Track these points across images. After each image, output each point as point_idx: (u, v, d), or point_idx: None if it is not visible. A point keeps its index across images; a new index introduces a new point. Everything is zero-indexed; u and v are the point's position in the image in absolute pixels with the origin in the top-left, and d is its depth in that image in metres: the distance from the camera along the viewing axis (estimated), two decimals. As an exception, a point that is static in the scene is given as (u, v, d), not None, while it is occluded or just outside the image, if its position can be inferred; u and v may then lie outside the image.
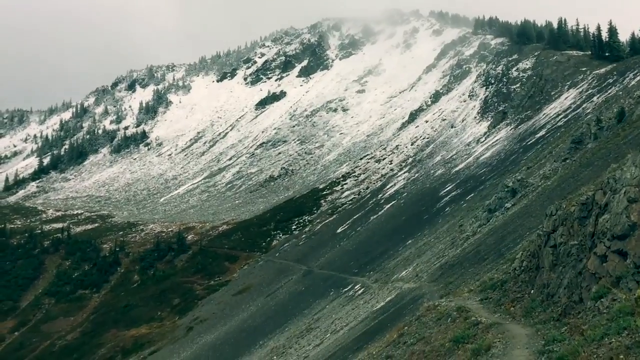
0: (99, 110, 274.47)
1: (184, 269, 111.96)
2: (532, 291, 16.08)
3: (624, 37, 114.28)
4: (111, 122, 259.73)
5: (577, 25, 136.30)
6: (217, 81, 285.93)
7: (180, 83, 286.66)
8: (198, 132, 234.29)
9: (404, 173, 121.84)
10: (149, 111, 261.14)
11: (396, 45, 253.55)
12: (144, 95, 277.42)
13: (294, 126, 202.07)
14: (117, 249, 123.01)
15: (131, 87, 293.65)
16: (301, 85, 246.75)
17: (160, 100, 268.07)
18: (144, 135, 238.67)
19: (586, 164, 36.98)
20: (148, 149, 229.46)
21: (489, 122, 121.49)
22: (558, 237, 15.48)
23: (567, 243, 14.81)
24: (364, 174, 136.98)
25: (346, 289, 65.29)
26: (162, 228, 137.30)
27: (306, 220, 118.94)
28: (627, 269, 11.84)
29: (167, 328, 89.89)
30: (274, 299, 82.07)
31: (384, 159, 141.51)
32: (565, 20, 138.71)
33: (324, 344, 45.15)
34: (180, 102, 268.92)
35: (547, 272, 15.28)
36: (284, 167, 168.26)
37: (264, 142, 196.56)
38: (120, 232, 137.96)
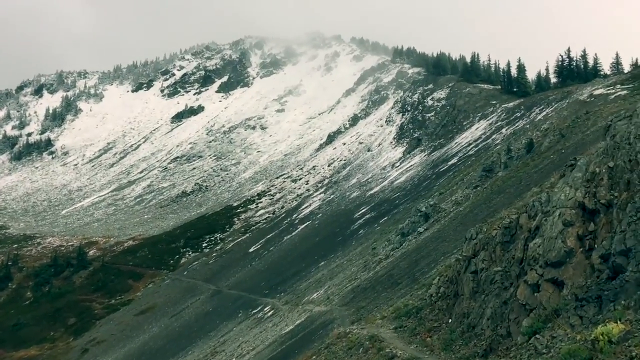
0: (1, 114, 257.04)
1: (83, 286, 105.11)
2: (450, 320, 15.03)
3: (531, 74, 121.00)
4: (13, 127, 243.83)
5: (489, 60, 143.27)
6: (132, 91, 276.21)
7: (92, 91, 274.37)
8: (108, 143, 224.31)
9: (320, 194, 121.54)
10: (56, 118, 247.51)
11: (317, 67, 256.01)
12: (52, 101, 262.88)
13: (210, 142, 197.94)
14: (10, 263, 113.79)
15: (38, 92, 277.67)
16: (220, 101, 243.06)
17: (69, 108, 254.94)
18: (49, 143, 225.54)
19: (497, 191, 37.59)
20: (52, 158, 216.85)
21: (404, 148, 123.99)
22: (479, 262, 14.47)
23: (489, 269, 13.86)
24: (279, 193, 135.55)
25: (255, 311, 63.31)
26: (61, 242, 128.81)
27: (218, 238, 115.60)
28: (565, 301, 10.94)
29: (60, 350, 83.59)
30: (178, 319, 78.41)
31: (300, 179, 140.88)
32: (478, 54, 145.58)
33: (228, 369, 43.04)
34: (90, 110, 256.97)
35: (467, 300, 14.26)
36: (197, 183, 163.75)
37: (178, 157, 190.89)
38: (15, 245, 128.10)
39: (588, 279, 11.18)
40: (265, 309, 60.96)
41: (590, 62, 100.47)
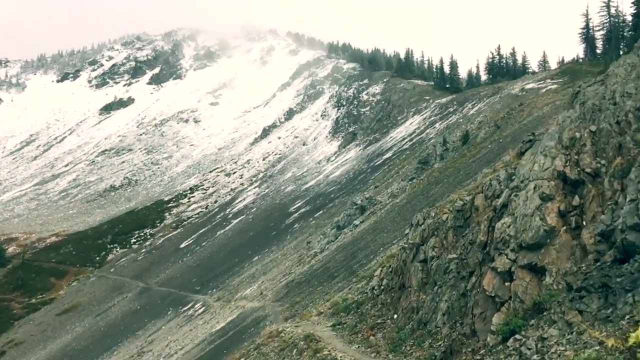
0: None
1: (1, 284, 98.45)
2: (395, 316, 13.49)
3: (462, 71, 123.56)
4: None
5: (423, 57, 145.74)
6: (58, 81, 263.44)
7: (14, 80, 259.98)
8: (31, 135, 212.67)
9: (254, 188, 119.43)
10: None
11: (252, 61, 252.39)
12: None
13: (141, 134, 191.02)
14: None
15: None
16: (151, 93, 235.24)
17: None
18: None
19: (435, 182, 37.11)
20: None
21: (340, 142, 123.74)
22: (429, 249, 12.87)
23: (441, 257, 12.31)
24: (212, 187, 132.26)
25: (186, 308, 61.17)
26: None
27: (147, 233, 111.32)
28: (550, 292, 9.15)
29: (-26, 353, 77.70)
30: (104, 318, 74.77)
31: (234, 172, 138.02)
32: (412, 51, 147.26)
33: (155, 370, 40.85)
34: (12, 100, 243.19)
35: (416, 293, 12.74)
36: (127, 177, 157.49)
37: (106, 150, 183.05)
38: None
39: (579, 263, 9.45)
40: (196, 306, 59.10)
41: (519, 59, 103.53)
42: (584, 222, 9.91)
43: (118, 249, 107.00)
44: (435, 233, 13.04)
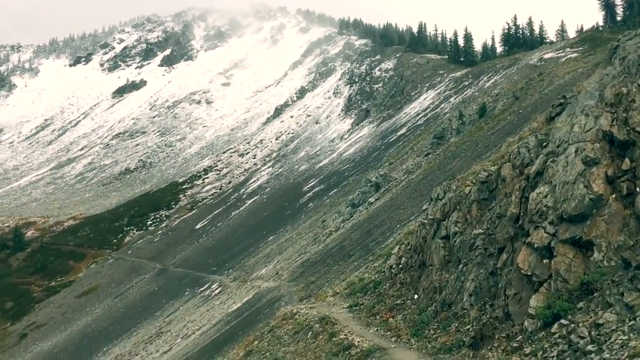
0: None
1: (21, 268, 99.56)
2: (416, 296, 12.63)
3: (477, 44, 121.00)
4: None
5: (436, 30, 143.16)
6: (70, 65, 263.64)
7: (27, 65, 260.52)
8: (46, 119, 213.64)
9: (268, 168, 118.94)
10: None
11: (263, 40, 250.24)
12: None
13: (154, 117, 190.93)
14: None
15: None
16: (163, 75, 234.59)
17: (2, 83, 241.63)
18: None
19: (452, 156, 36.09)
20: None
21: (353, 120, 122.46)
22: (451, 225, 11.91)
23: (465, 232, 11.34)
24: (226, 168, 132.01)
25: (202, 289, 61.15)
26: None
27: (163, 215, 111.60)
28: (601, 269, 7.91)
29: (-4, 336, 78.78)
30: (122, 300, 75.19)
31: (247, 153, 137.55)
32: (425, 24, 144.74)
33: (173, 350, 40.79)
34: (26, 85, 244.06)
35: (438, 272, 11.81)
36: (141, 160, 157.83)
37: (120, 133, 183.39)
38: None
39: (634, 235, 8.18)
40: (213, 287, 59.03)
41: (536, 29, 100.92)
42: (638, 189, 8.78)
43: (134, 231, 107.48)
44: (457, 207, 12.06)
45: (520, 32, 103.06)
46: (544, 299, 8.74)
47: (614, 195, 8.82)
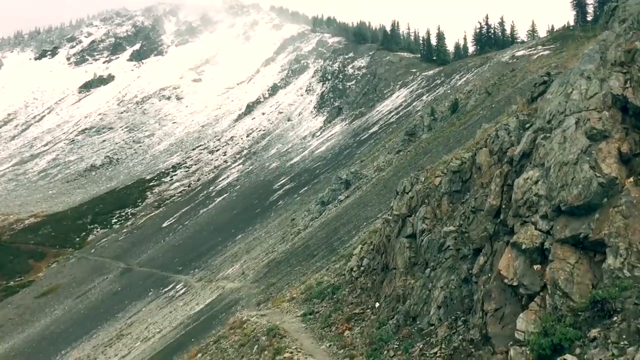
0: None
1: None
2: (377, 304, 10.92)
3: (450, 43, 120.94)
4: None
5: (409, 29, 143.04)
6: (35, 59, 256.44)
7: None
8: (9, 114, 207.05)
9: (238, 165, 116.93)
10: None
11: (235, 36, 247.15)
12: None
13: (122, 112, 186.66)
14: None
15: None
16: (132, 70, 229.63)
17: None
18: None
19: (423, 152, 34.97)
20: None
21: (325, 117, 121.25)
22: (418, 222, 10.03)
23: (434, 230, 9.52)
24: (195, 165, 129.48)
25: (167, 289, 59.29)
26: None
27: (129, 213, 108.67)
28: (621, 280, 5.69)
29: (-51, 338, 75.29)
30: (84, 301, 72.66)
31: (217, 150, 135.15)
32: (398, 23, 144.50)
33: (131, 354, 38.97)
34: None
35: (402, 276, 9.99)
36: (108, 156, 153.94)
37: (86, 128, 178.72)
38: None
39: None
40: (178, 287, 57.30)
41: (508, 29, 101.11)
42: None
43: (99, 230, 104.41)
44: (425, 201, 10.35)
45: (492, 31, 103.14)
46: (537, 319, 6.46)
47: (631, 179, 6.70)
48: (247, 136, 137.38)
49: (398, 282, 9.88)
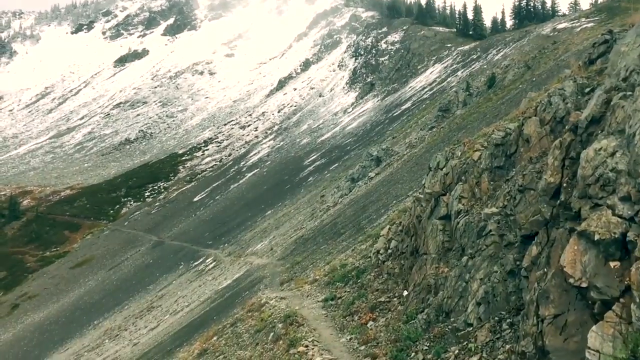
0: None
1: (15, 238, 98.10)
2: (405, 292, 9.76)
3: (487, 18, 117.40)
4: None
5: (445, 3, 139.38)
6: (72, 33, 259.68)
7: (28, 32, 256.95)
8: (46, 87, 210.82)
9: (269, 141, 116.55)
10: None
11: (268, 10, 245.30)
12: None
13: (155, 87, 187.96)
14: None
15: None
16: (166, 45, 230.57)
17: (3, 50, 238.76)
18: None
19: (457, 129, 33.62)
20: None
21: (357, 93, 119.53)
22: (454, 201, 8.74)
23: (472, 211, 8.26)
24: (227, 140, 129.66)
25: (197, 263, 59.57)
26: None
27: (161, 187, 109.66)
28: None
29: (-13, 306, 77.54)
30: (117, 272, 73.77)
31: (249, 125, 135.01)
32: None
33: (159, 327, 39.17)
34: (27, 53, 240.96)
35: (434, 263, 8.82)
36: (142, 130, 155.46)
37: (121, 102, 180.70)
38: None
39: None
40: (207, 261, 57.43)
41: (548, 2, 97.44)
42: None
43: (132, 203, 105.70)
44: (462, 178, 9.08)
45: (532, 5, 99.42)
46: (616, 335, 4.65)
47: None
48: (278, 112, 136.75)
49: (429, 270, 8.62)
